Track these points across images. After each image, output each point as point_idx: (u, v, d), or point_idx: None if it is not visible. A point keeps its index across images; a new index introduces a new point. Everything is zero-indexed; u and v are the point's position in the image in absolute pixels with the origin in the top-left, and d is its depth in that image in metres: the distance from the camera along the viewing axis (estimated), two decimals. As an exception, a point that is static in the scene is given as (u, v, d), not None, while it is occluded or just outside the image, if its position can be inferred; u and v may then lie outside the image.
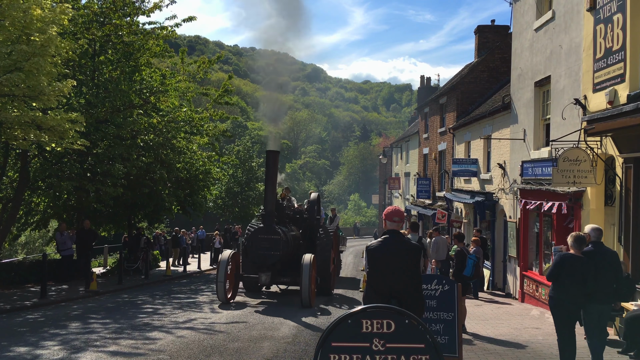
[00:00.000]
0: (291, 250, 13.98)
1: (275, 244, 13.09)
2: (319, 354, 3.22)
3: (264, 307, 12.88)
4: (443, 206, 24.60)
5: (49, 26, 12.07)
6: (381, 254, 5.08)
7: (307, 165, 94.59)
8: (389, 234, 5.19)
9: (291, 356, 7.90)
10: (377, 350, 3.17)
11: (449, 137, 24.56)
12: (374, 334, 3.18)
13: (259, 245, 13.15)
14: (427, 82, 38.93)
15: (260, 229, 13.44)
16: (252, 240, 13.30)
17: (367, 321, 3.19)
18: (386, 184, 43.71)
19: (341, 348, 3.17)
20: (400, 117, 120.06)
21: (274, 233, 13.22)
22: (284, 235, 13.48)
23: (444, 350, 7.04)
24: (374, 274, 5.10)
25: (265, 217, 13.75)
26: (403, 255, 5.04)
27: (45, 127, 12.34)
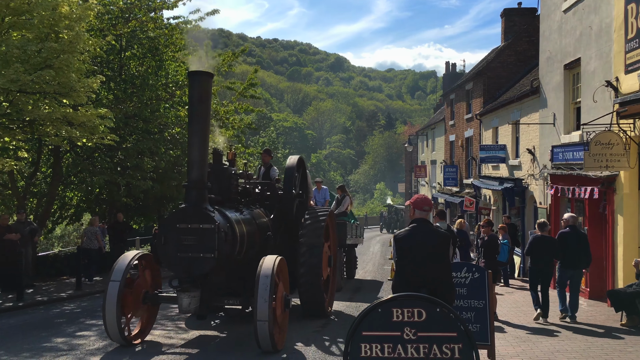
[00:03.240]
0: (245, 250, 8.42)
1: (206, 238, 7.35)
2: (349, 343, 3.23)
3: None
4: (471, 193, 24.32)
5: (76, 23, 12.27)
6: (410, 242, 5.05)
7: (332, 155, 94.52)
8: (417, 223, 5.17)
9: None
10: (409, 339, 3.16)
11: (476, 124, 24.22)
12: (404, 322, 3.17)
13: (176, 241, 7.41)
14: (452, 69, 38.41)
15: (181, 211, 7.64)
16: (166, 232, 7.48)
17: (398, 310, 3.19)
18: (412, 172, 43.41)
19: (372, 337, 3.18)
20: (425, 105, 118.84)
21: (203, 219, 7.40)
22: (226, 222, 7.80)
23: (476, 339, 6.99)
24: (403, 263, 5.08)
25: (190, 190, 7.65)
26: (432, 244, 5.02)
27: (76, 123, 12.59)
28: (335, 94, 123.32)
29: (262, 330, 7.06)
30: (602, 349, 7.76)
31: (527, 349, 7.75)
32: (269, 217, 9.98)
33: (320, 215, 10.26)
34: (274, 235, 9.59)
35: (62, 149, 15.47)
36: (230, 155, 9.88)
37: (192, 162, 7.67)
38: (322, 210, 10.59)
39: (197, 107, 7.79)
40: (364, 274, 17.84)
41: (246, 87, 19.64)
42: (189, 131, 7.82)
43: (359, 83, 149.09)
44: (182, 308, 7.51)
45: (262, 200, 10.26)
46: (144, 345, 8.10)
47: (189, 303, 7.45)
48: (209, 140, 8.33)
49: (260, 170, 11.53)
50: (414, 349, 3.16)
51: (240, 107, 20.06)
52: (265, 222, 9.67)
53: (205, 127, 7.83)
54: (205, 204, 7.67)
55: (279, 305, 7.61)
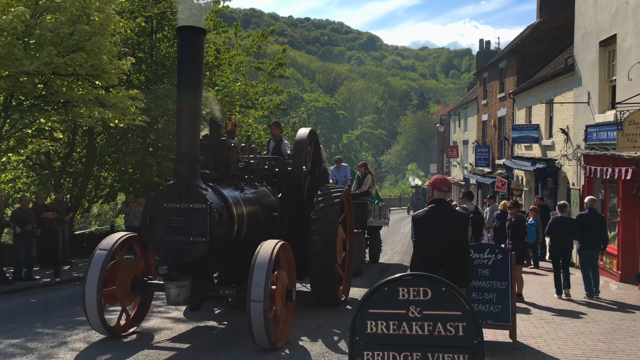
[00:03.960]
0: (246, 233, 7.51)
1: (197, 220, 6.44)
2: (356, 319, 3.31)
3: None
4: (503, 174, 23.97)
5: (106, 5, 12.47)
6: (427, 223, 5.10)
7: (363, 136, 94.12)
8: (436, 204, 5.20)
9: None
10: (414, 317, 3.22)
11: (509, 103, 23.74)
12: (410, 301, 3.23)
13: (163, 223, 6.53)
14: (486, 46, 37.60)
15: (169, 189, 6.73)
16: (152, 212, 6.61)
17: (404, 288, 3.24)
18: (444, 152, 42.93)
19: (378, 314, 3.25)
20: (459, 84, 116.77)
21: (194, 198, 6.48)
22: (221, 202, 6.86)
23: (497, 319, 7.02)
24: (420, 243, 5.13)
25: (179, 165, 6.72)
26: (450, 225, 5.06)
27: (108, 105, 12.89)
28: (368, 73, 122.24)
29: (257, 325, 6.07)
30: (627, 331, 7.65)
31: (551, 331, 7.70)
32: (277, 197, 9.00)
33: (334, 193, 9.16)
34: (282, 217, 8.69)
35: (95, 129, 15.86)
36: (230, 126, 8.56)
37: (181, 132, 6.67)
38: (336, 189, 9.46)
39: (187, 68, 6.63)
40: (392, 256, 17.86)
41: (275, 67, 19.69)
42: (177, 97, 6.75)
43: (392, 62, 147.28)
44: (169, 299, 6.57)
45: (269, 178, 9.20)
46: (133, 336, 7.40)
47: (177, 293, 6.49)
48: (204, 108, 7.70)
49: (269, 145, 10.44)
50: (419, 327, 3.22)
51: (269, 88, 20.14)
52: (272, 202, 8.65)
53: (196, 92, 6.69)
54: (196, 180, 6.68)
55: (279, 297, 6.58)
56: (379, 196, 17.16)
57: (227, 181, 7.70)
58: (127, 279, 7.28)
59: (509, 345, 6.91)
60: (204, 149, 7.35)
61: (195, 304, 7.07)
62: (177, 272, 6.50)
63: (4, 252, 12.89)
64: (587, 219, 10.15)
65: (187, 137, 6.66)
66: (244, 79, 19.89)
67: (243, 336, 7.14)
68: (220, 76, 18.49)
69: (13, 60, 10.76)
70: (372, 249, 15.53)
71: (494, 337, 7.33)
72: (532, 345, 6.99)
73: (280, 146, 10.17)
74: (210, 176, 7.33)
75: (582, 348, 6.85)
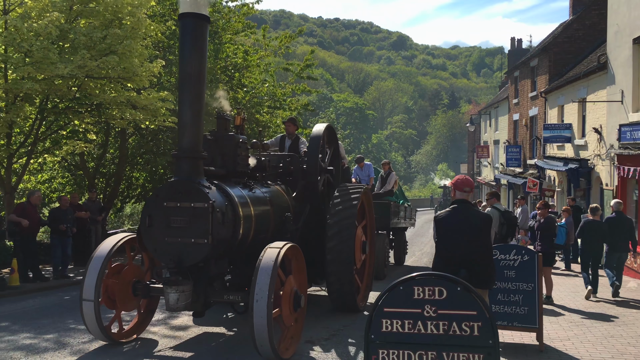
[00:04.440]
0: (254, 234, 7.02)
1: (198, 220, 6.05)
2: (371, 318, 3.34)
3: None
4: (534, 174, 23.57)
5: (138, 9, 12.75)
6: (449, 223, 5.10)
7: (393, 136, 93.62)
8: (458, 204, 5.19)
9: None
10: (429, 316, 3.23)
11: (541, 102, 23.33)
12: (425, 300, 3.24)
13: (163, 223, 6.18)
14: (518, 45, 36.96)
15: (169, 186, 6.30)
16: (151, 212, 6.25)
17: (419, 288, 3.26)
18: (474, 152, 42.41)
19: (393, 313, 3.27)
20: (491, 83, 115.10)
21: (195, 196, 6.08)
22: (225, 201, 6.42)
23: (523, 321, 6.93)
24: (442, 244, 5.13)
25: (180, 161, 6.31)
26: (472, 225, 5.04)
27: (140, 106, 13.18)
28: (397, 73, 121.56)
29: (260, 334, 5.61)
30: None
31: (580, 333, 7.57)
32: (292, 196, 8.49)
33: (353, 192, 8.58)
34: (297, 218, 8.19)
35: (127, 131, 16.22)
36: (238, 121, 7.86)
37: (183, 126, 6.25)
38: (354, 187, 8.86)
39: (189, 58, 6.20)
40: (420, 257, 17.73)
41: (303, 68, 19.79)
42: (179, 88, 6.33)
43: (422, 61, 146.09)
44: (168, 304, 6.11)
45: (283, 176, 8.74)
46: (136, 343, 7.02)
47: (176, 299, 6.04)
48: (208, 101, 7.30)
49: (285, 142, 9.83)
50: (434, 326, 3.23)
51: (298, 89, 20.24)
52: (285, 202, 8.17)
53: (199, 84, 6.24)
54: (199, 177, 6.26)
55: (286, 304, 6.10)
56: (405, 196, 16.66)
57: (235, 179, 7.22)
58: (128, 283, 6.86)
59: (536, 347, 6.83)
60: (210, 145, 7.03)
61: (199, 309, 6.60)
62: (177, 275, 6.11)
63: (41, 251, 13.32)
64: (614, 222, 10.33)
65: (189, 131, 6.23)
66: (273, 80, 20.05)
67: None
68: (248, 77, 18.69)
69: (48, 64, 11.10)
70: (397, 251, 15.05)
71: (520, 339, 7.25)
72: (560, 348, 6.89)
73: (298, 144, 9.65)
74: (216, 173, 6.89)
75: (612, 351, 6.72)
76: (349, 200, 8.42)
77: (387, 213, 12.66)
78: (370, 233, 9.66)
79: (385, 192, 13.69)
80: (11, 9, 12.07)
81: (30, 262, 11.51)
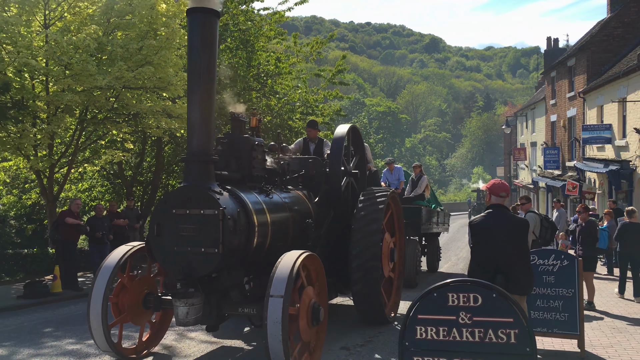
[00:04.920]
0: (270, 242, 6.57)
1: (208, 229, 5.64)
2: (406, 325, 3.31)
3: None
4: (574, 177, 22.99)
5: (172, 20, 13.04)
6: (485, 229, 5.02)
7: (427, 139, 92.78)
8: (493, 209, 5.11)
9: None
10: (464, 323, 3.18)
11: (579, 102, 22.78)
12: (460, 307, 3.20)
13: (172, 232, 5.80)
14: (554, 44, 36.19)
15: (178, 192, 5.97)
16: (160, 219, 5.89)
17: (453, 295, 3.21)
18: (511, 155, 41.64)
19: (427, 320, 3.24)
20: (527, 84, 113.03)
21: (205, 202, 5.69)
22: (237, 207, 5.99)
23: (564, 328, 6.76)
24: (478, 250, 5.06)
25: (190, 165, 5.96)
26: (508, 230, 4.96)
27: (175, 115, 13.44)
28: (430, 75, 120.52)
29: (275, 351, 5.15)
30: None
31: (623, 340, 7.32)
32: (314, 202, 8.02)
33: (379, 196, 8.14)
34: (319, 224, 7.73)
35: (163, 139, 16.55)
36: (254, 122, 7.36)
37: (192, 127, 5.82)
38: (381, 191, 8.42)
39: (198, 55, 5.82)
40: (456, 262, 17.49)
41: (335, 73, 19.83)
42: (188, 88, 5.94)
43: (456, 63, 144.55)
44: (178, 319, 5.70)
45: (305, 181, 8.19)
46: (148, 358, 6.74)
47: (186, 312, 5.61)
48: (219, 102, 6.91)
49: (309, 146, 9.47)
50: (469, 333, 3.18)
51: (330, 94, 20.29)
52: (307, 208, 7.71)
53: (209, 82, 5.85)
54: (210, 182, 5.84)
55: (303, 318, 5.64)
56: (438, 200, 16.04)
57: (250, 184, 6.79)
58: (139, 295, 6.46)
59: (577, 354, 6.65)
60: (224, 148, 6.70)
61: (212, 323, 6.22)
62: (186, 287, 5.67)
63: (82, 258, 13.69)
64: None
65: (199, 133, 5.81)
66: (305, 86, 20.16)
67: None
68: (281, 84, 18.84)
69: (87, 76, 11.44)
70: (429, 258, 14.48)
71: (561, 346, 7.07)
72: (602, 355, 6.69)
73: (322, 147, 9.23)
74: (230, 178, 6.48)
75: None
76: (374, 205, 7.99)
77: (417, 218, 12.17)
78: (399, 239, 9.22)
79: (415, 196, 13.12)
80: (51, 23, 12.49)
81: (71, 270, 11.79)
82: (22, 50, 11.02)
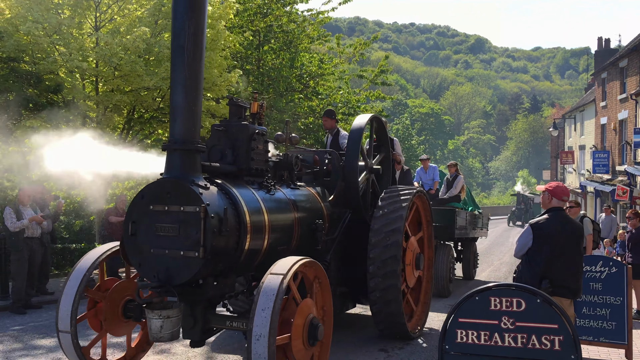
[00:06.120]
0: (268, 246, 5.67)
1: (188, 228, 4.84)
2: (446, 328, 3.27)
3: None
4: (624, 181, 22.18)
5: (217, 21, 13.25)
6: (547, 232, 4.96)
7: (470, 142, 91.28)
8: (555, 212, 5.06)
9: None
10: (506, 328, 3.12)
11: (631, 104, 21.96)
12: (502, 312, 3.14)
13: (149, 232, 5.04)
14: (605, 44, 35.00)
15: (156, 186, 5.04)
16: (136, 216, 5.12)
17: (496, 299, 3.15)
18: (558, 158, 40.50)
19: (468, 324, 3.18)
20: (576, 85, 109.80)
21: (186, 197, 4.85)
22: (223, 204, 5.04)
23: (611, 337, 6.55)
24: (536, 253, 4.96)
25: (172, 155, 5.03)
26: (570, 235, 4.97)
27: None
28: (475, 77, 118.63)
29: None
30: None
31: (676, 353, 7.01)
32: (327, 200, 7.07)
33: (403, 194, 7.30)
34: (333, 225, 6.92)
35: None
36: (255, 108, 6.23)
37: (175, 110, 4.92)
38: (405, 189, 7.53)
39: (183, 26, 4.89)
40: (499, 266, 17.09)
41: (377, 74, 19.74)
42: (171, 64, 4.97)
43: (501, 64, 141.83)
44: (151, 333, 4.89)
45: (320, 177, 7.36)
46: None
47: (160, 327, 4.82)
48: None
49: (327, 139, 8.70)
50: (512, 338, 3.12)
51: (372, 95, 20.22)
52: (317, 207, 6.75)
53: (196, 57, 4.91)
54: (194, 175, 4.97)
55: (298, 337, 4.74)
56: (475, 202, 14.82)
57: (249, 178, 5.84)
58: (117, 302, 5.55)
59: (625, 365, 6.41)
60: (219, 137, 5.79)
61: (196, 338, 5.30)
62: (161, 297, 4.90)
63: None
64: None
65: (182, 116, 4.90)
66: (347, 87, 20.15)
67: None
68: (323, 85, 18.90)
69: (135, 76, 11.76)
70: (465, 265, 13.51)
71: (607, 355, 6.83)
72: (652, 367, 6.42)
73: (338, 139, 8.28)
74: (222, 171, 5.56)
75: None
76: (397, 203, 7.14)
77: (451, 221, 11.22)
78: (428, 244, 8.39)
79: (450, 197, 12.17)
80: (102, 25, 12.90)
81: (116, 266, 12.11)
82: (73, 52, 11.42)
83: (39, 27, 11.06)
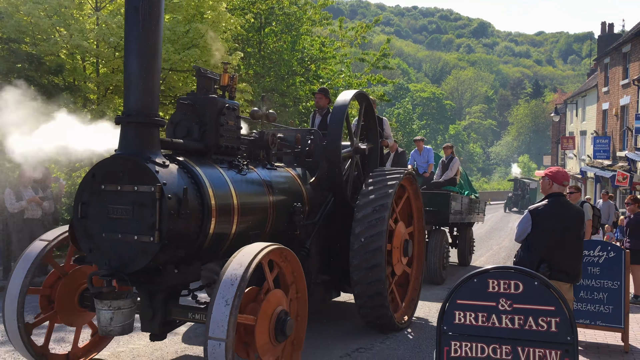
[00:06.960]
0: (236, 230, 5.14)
1: (142, 210, 4.32)
2: (444, 310, 3.32)
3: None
4: (624, 167, 22.21)
5: (219, 3, 13.18)
6: (549, 217, 4.99)
7: (472, 126, 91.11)
8: (555, 197, 5.08)
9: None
10: (504, 309, 3.17)
11: (633, 90, 21.90)
12: (500, 294, 3.19)
13: (100, 214, 4.46)
14: (609, 29, 34.78)
15: (109, 163, 4.48)
16: (87, 197, 4.53)
17: (494, 281, 3.20)
18: (559, 143, 40.47)
19: (466, 305, 3.24)
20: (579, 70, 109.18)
21: (141, 176, 4.32)
22: (183, 184, 4.51)
23: (608, 321, 6.62)
24: (536, 237, 4.99)
25: (126, 129, 4.45)
26: (570, 220, 4.98)
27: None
28: (477, 61, 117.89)
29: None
30: None
31: (671, 337, 7.10)
32: (307, 182, 6.62)
33: (390, 178, 6.81)
34: (314, 210, 6.54)
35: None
36: (226, 79, 5.53)
37: (128, 79, 4.43)
38: (393, 172, 7.03)
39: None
40: (498, 251, 17.15)
41: (379, 58, 19.67)
42: (125, 28, 4.47)
43: (504, 49, 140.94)
44: (99, 325, 4.45)
45: (302, 157, 6.87)
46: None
47: (109, 319, 4.38)
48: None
49: (314, 119, 8.14)
50: (509, 320, 3.17)
51: (374, 79, 20.15)
52: (296, 189, 6.31)
53: (152, 20, 4.38)
54: (151, 151, 4.47)
55: (263, 332, 4.28)
56: (472, 186, 14.29)
57: (217, 157, 5.33)
58: (75, 288, 5.14)
59: (621, 348, 6.50)
60: (185, 111, 5.28)
61: (156, 331, 4.79)
62: (111, 286, 4.38)
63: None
64: None
65: (137, 86, 4.39)
66: (348, 71, 20.09)
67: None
68: (324, 69, 18.84)
69: (135, 57, 11.71)
70: (460, 250, 13.06)
71: (604, 339, 6.92)
72: (647, 350, 6.50)
73: (327, 120, 7.45)
74: (187, 147, 5.07)
75: None
76: (383, 188, 6.64)
77: (445, 206, 10.64)
78: (418, 230, 7.84)
79: (445, 180, 11.68)
80: (102, 6, 12.82)
81: None
82: (74, 33, 11.37)
83: (39, 7, 11.00)
